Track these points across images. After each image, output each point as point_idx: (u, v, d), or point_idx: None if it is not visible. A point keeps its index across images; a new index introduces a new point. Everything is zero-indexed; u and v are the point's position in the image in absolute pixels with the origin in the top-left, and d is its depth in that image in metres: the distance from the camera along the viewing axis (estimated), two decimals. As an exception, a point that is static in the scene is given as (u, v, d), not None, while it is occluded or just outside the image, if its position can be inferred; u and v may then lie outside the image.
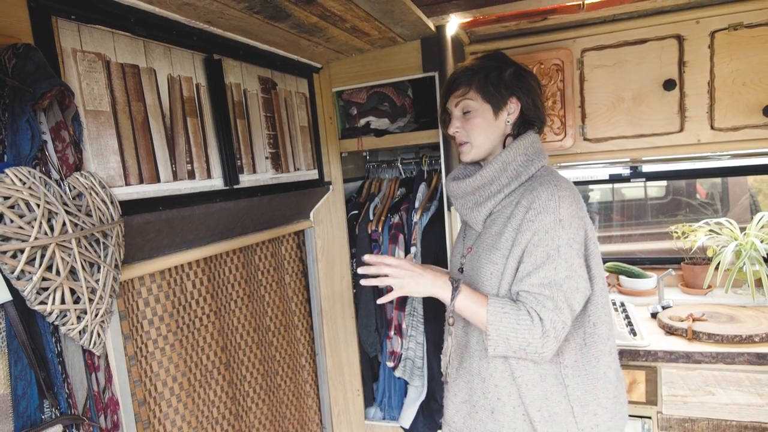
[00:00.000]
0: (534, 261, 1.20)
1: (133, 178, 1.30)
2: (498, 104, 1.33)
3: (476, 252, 1.35)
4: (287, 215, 2.09)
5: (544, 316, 1.17)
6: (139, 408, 1.44)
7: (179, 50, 1.45)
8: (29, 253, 0.95)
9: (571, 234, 1.20)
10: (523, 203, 1.25)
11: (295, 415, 2.16)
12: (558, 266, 1.19)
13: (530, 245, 1.21)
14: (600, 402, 1.27)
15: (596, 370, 1.28)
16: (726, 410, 1.76)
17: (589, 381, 1.27)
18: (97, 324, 1.11)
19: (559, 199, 1.21)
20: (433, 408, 2.21)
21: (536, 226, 1.20)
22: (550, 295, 1.18)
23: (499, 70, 1.34)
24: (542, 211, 1.20)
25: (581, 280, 1.21)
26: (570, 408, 1.25)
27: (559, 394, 1.26)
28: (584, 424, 1.26)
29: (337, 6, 1.49)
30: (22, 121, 0.99)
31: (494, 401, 1.30)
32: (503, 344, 1.19)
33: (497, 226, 1.31)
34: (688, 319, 1.94)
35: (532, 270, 1.20)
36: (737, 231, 2.24)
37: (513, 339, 1.18)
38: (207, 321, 1.69)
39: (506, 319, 1.18)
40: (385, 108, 2.23)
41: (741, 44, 1.92)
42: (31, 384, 1.03)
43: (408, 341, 2.25)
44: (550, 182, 1.24)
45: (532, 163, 1.31)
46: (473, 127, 1.35)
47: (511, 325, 1.18)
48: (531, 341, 1.17)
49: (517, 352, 1.20)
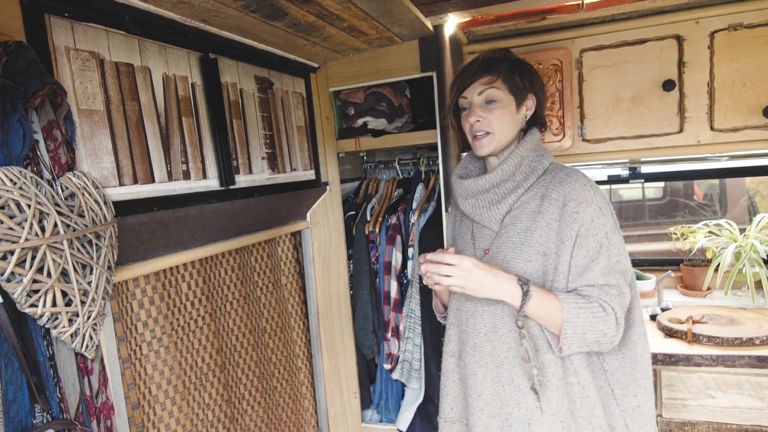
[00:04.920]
0: (588, 253, 1.20)
1: (127, 178, 1.28)
2: (521, 98, 1.32)
3: (499, 252, 1.31)
4: (284, 216, 2.07)
5: (614, 305, 1.18)
6: (132, 411, 1.42)
7: (174, 49, 1.44)
8: (19, 254, 0.93)
9: (612, 220, 1.25)
10: (553, 197, 1.24)
11: (291, 418, 2.14)
12: (611, 253, 1.21)
13: (579, 237, 1.21)
14: (639, 383, 1.28)
15: (633, 353, 1.28)
16: (726, 413, 1.75)
17: (627, 363, 1.28)
18: (89, 327, 1.09)
19: (592, 189, 1.24)
20: (430, 411, 2.20)
21: (581, 217, 1.21)
22: (614, 283, 1.20)
23: (521, 64, 1.33)
24: (582, 202, 1.22)
25: (628, 261, 1.26)
26: (611, 391, 1.26)
27: (599, 379, 1.26)
28: (625, 405, 1.27)
29: (335, 5, 1.48)
30: (14, 120, 0.97)
31: (532, 410, 1.25)
32: (578, 340, 1.18)
33: (522, 223, 1.28)
34: (687, 322, 1.93)
35: (589, 263, 1.20)
36: (737, 232, 2.24)
37: (589, 333, 1.18)
38: (202, 323, 1.67)
39: (583, 314, 1.17)
40: (383, 108, 2.22)
41: (741, 45, 1.91)
42: (22, 388, 1.01)
43: (405, 343, 2.23)
44: (576, 173, 1.27)
45: (544, 158, 1.32)
46: (497, 117, 1.30)
47: (588, 320, 1.17)
48: (607, 332, 1.18)
49: (591, 345, 1.20)
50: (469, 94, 1.33)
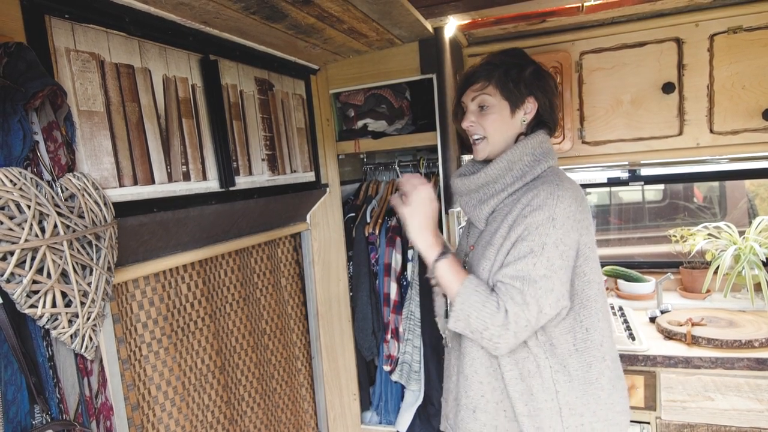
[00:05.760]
0: (516, 253, 1.20)
1: (127, 179, 1.28)
2: (516, 102, 1.33)
3: (477, 249, 1.36)
4: (283, 217, 2.07)
5: (509, 308, 1.16)
6: (132, 412, 1.41)
7: (175, 50, 1.44)
8: (19, 255, 0.93)
9: (561, 234, 1.18)
10: (522, 201, 1.25)
11: (291, 420, 2.14)
12: (538, 263, 1.17)
13: (519, 240, 1.21)
14: (589, 407, 1.27)
15: (588, 375, 1.27)
16: (725, 416, 1.75)
17: (579, 386, 1.26)
18: (89, 328, 1.09)
19: (557, 198, 1.19)
20: (430, 412, 2.19)
21: (528, 221, 1.20)
22: (520, 288, 1.16)
23: (519, 68, 1.33)
24: (537, 207, 1.20)
25: (558, 283, 1.18)
26: (558, 408, 1.25)
27: (547, 394, 1.25)
28: (569, 423, 1.26)
29: (335, 7, 1.48)
30: (14, 121, 0.97)
31: (477, 399, 1.30)
32: (464, 320, 1.20)
33: (497, 224, 1.31)
34: (687, 324, 1.93)
35: (511, 261, 1.20)
36: (736, 235, 2.24)
37: (474, 318, 1.19)
38: (202, 324, 1.67)
39: (474, 296, 1.19)
40: (383, 110, 2.22)
41: (740, 47, 1.91)
42: (22, 389, 1.01)
43: (405, 345, 2.23)
44: (552, 182, 1.24)
45: (539, 164, 1.30)
46: (489, 123, 1.33)
47: (476, 305, 1.18)
48: (489, 326, 1.17)
49: (474, 333, 1.20)
50: (465, 98, 1.38)
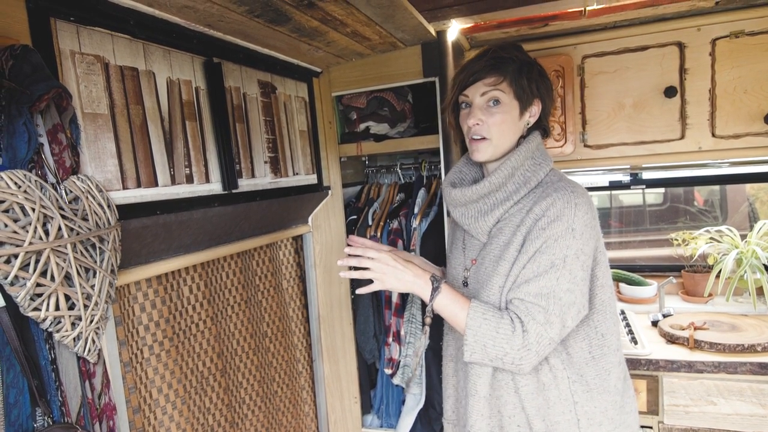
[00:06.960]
0: (536, 268, 1.13)
1: (130, 181, 1.28)
2: (526, 104, 1.24)
3: (482, 264, 1.28)
4: (285, 220, 2.07)
5: (530, 329, 1.10)
6: (133, 415, 1.41)
7: (179, 53, 1.44)
8: (23, 258, 0.93)
9: (581, 244, 1.13)
10: (535, 211, 1.17)
11: (292, 423, 2.13)
12: (561, 277, 1.12)
13: (537, 253, 1.14)
14: (607, 414, 1.23)
15: (607, 383, 1.23)
16: (728, 420, 1.75)
17: (599, 395, 1.22)
18: (92, 331, 1.09)
19: (575, 207, 1.13)
20: (431, 416, 2.19)
21: (547, 233, 1.13)
22: (544, 306, 1.11)
23: (530, 66, 1.25)
24: (556, 218, 1.13)
25: (580, 295, 1.14)
26: (576, 420, 1.21)
27: (564, 406, 1.21)
28: None
29: (338, 10, 1.48)
30: (19, 123, 0.97)
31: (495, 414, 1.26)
32: (480, 351, 1.14)
33: (505, 236, 1.23)
34: (689, 328, 1.93)
35: (531, 277, 1.13)
36: (738, 239, 2.23)
37: (491, 347, 1.12)
38: (203, 327, 1.67)
39: (486, 325, 1.13)
40: (385, 113, 2.22)
41: (742, 52, 1.91)
42: (24, 392, 1.00)
43: (406, 348, 2.23)
44: (566, 188, 1.17)
45: (540, 168, 1.25)
46: (497, 122, 1.23)
47: (490, 333, 1.12)
48: (509, 351, 1.11)
49: (494, 360, 1.14)
50: (471, 92, 1.25)
